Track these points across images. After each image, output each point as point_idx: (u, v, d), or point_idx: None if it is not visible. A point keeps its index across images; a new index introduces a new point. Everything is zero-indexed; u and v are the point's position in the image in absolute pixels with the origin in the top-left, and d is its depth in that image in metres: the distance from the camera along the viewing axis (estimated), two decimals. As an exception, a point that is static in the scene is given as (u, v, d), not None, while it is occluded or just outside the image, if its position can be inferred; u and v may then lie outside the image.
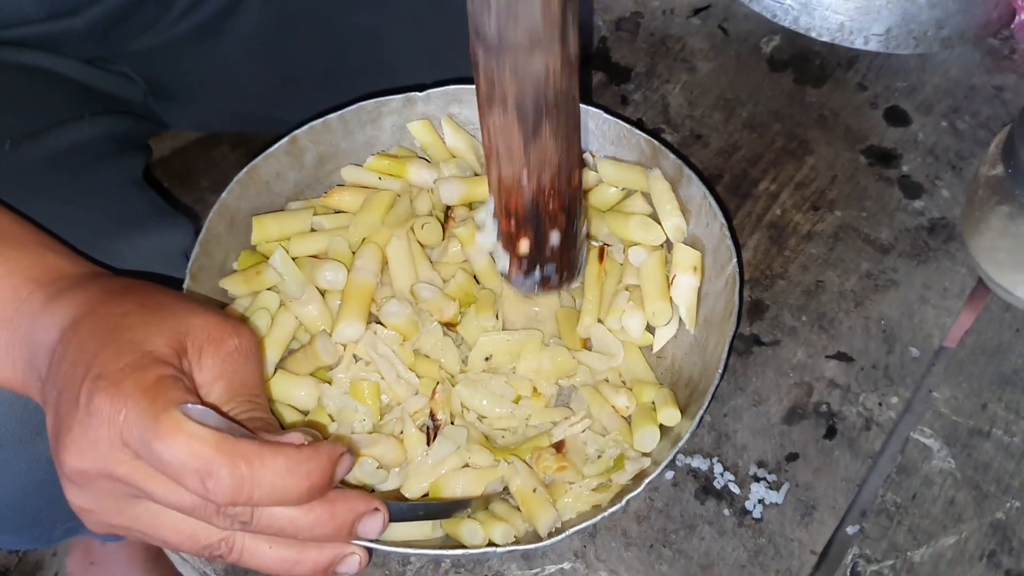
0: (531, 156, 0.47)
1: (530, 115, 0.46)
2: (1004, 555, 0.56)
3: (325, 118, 0.66)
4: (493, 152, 0.49)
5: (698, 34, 0.80)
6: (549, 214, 0.51)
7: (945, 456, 0.59)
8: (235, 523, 0.41)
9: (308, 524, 0.42)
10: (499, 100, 0.46)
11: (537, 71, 0.44)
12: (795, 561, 0.56)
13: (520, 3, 0.42)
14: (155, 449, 0.39)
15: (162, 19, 0.80)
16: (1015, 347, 0.63)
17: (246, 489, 0.39)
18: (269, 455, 0.40)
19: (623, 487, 0.53)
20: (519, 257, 0.53)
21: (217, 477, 0.39)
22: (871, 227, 0.69)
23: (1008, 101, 0.75)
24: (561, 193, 0.50)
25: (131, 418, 0.40)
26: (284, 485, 0.40)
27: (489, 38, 0.44)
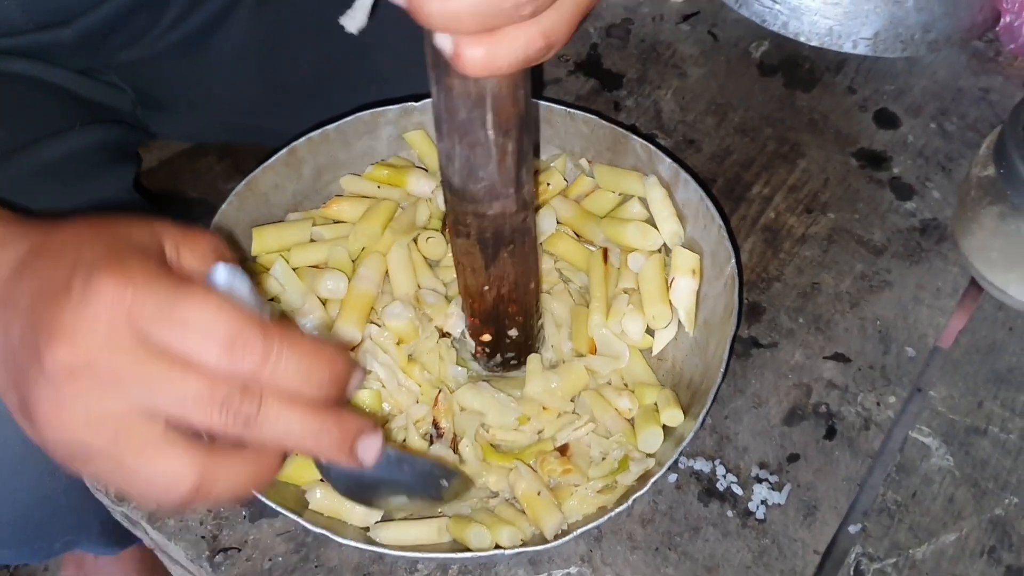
0: (491, 273, 0.53)
1: (489, 245, 0.52)
2: (1004, 551, 0.57)
3: (323, 129, 0.66)
4: (459, 266, 0.55)
5: (688, 40, 0.80)
6: (508, 316, 0.57)
7: (943, 454, 0.60)
8: (239, 419, 0.37)
9: (316, 427, 0.39)
10: (463, 232, 0.51)
11: (494, 214, 0.50)
12: (799, 561, 0.56)
13: (479, 167, 0.47)
14: (179, 310, 0.36)
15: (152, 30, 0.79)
16: (1009, 345, 0.64)
17: (272, 361, 0.37)
18: (298, 334, 0.38)
19: (628, 488, 0.54)
20: (482, 345, 0.59)
21: (249, 342, 0.36)
22: (864, 229, 0.70)
23: (995, 103, 0.76)
24: (518, 300, 0.56)
25: (143, 292, 0.36)
26: (310, 366, 0.38)
27: (454, 186, 0.49)
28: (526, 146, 0.48)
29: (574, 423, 0.57)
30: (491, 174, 0.47)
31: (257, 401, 0.37)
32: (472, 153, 0.46)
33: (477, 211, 0.50)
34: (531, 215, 0.52)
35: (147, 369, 0.36)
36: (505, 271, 0.53)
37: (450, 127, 0.45)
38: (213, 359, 0.36)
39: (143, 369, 0.36)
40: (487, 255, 0.52)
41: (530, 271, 0.55)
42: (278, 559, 0.55)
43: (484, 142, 0.46)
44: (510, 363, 0.60)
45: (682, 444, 0.53)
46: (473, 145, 0.46)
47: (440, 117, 0.46)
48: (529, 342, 0.59)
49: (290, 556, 0.56)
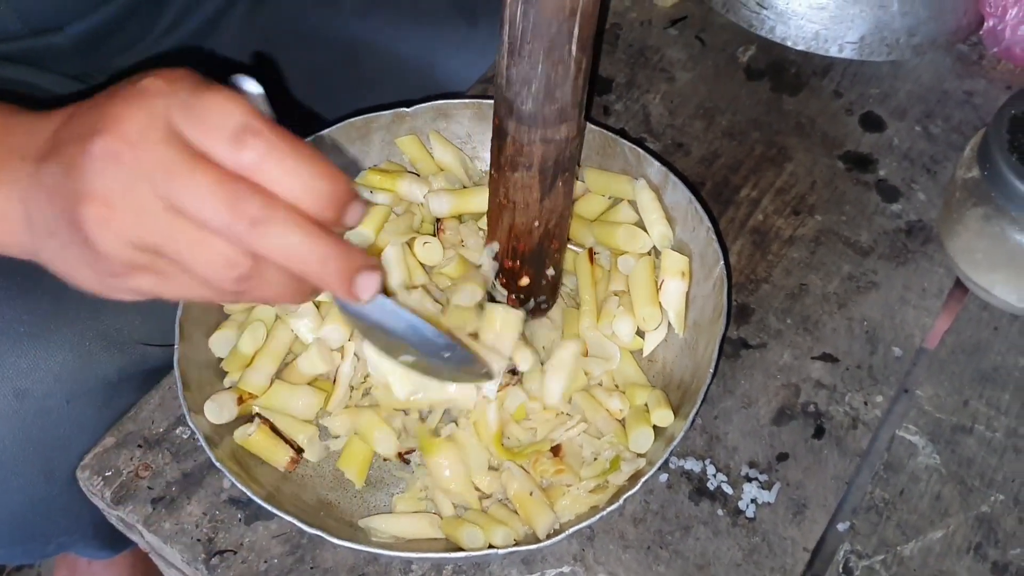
0: (544, 207, 0.55)
1: (549, 174, 0.53)
2: (990, 547, 0.57)
3: (316, 135, 0.66)
4: (508, 206, 0.55)
5: (676, 44, 0.81)
6: (549, 253, 0.58)
7: (930, 452, 0.61)
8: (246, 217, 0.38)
9: (322, 249, 0.39)
10: (524, 163, 0.52)
11: (560, 138, 0.51)
12: (788, 559, 0.57)
13: (557, 87, 0.49)
14: (199, 102, 0.38)
15: (145, 37, 0.80)
16: (994, 345, 0.65)
17: (276, 155, 0.38)
18: (307, 145, 0.39)
19: (620, 487, 0.55)
20: (519, 289, 0.59)
21: (254, 132, 0.38)
22: (851, 230, 0.70)
23: (979, 105, 0.77)
24: (560, 235, 0.57)
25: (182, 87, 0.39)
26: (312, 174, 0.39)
27: (524, 114, 0.50)
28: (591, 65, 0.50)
29: (567, 423, 0.58)
30: (566, 93, 0.49)
31: (265, 205, 0.38)
32: (554, 72, 0.48)
33: (546, 136, 0.51)
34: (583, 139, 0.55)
35: (171, 159, 0.38)
36: (556, 203, 0.55)
37: (535, 46, 0.47)
38: (221, 150, 0.38)
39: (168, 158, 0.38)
40: (544, 186, 0.53)
41: (572, 201, 0.58)
42: (274, 561, 0.56)
43: (566, 58, 0.47)
44: (541, 307, 0.61)
45: (672, 444, 0.54)
46: (556, 63, 0.47)
47: (519, 39, 0.47)
48: (559, 281, 0.61)
49: (285, 558, 0.56)
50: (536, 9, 0.46)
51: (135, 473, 0.59)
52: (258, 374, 0.59)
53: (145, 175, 0.38)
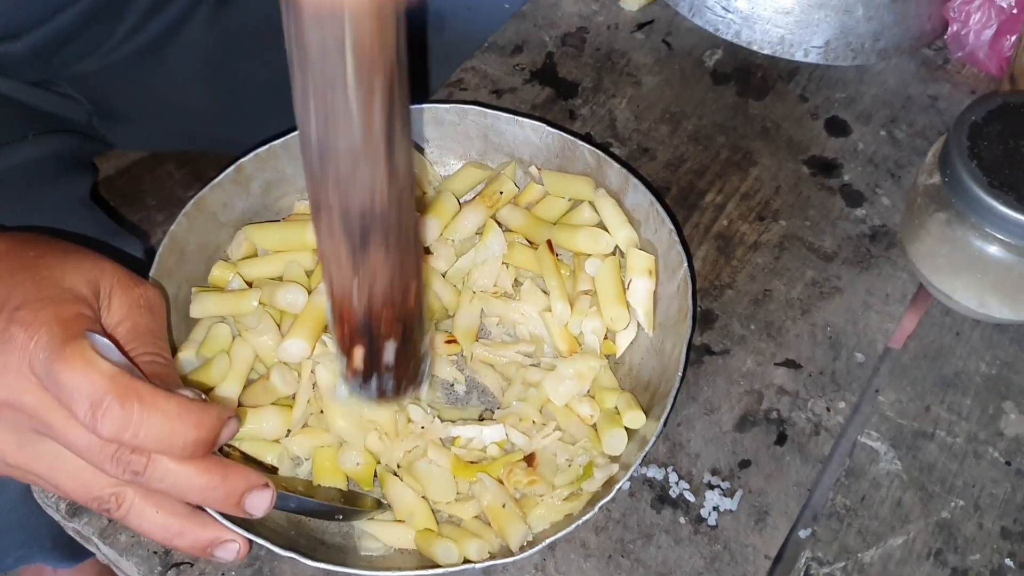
0: (360, 268, 0.45)
1: (356, 228, 0.43)
2: (950, 553, 0.58)
3: (269, 145, 0.65)
4: (325, 258, 0.46)
5: (642, 49, 0.81)
6: (383, 327, 0.48)
7: (892, 458, 0.61)
8: (128, 471, 0.42)
9: (201, 485, 0.43)
10: (325, 208, 0.43)
11: (362, 205, 0.42)
12: (750, 566, 0.57)
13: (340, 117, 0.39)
14: (54, 371, 0.40)
15: (106, 42, 0.79)
16: (955, 350, 0.65)
17: (133, 426, 0.40)
18: (162, 398, 0.41)
19: (594, 494, 0.54)
20: (353, 367, 0.50)
21: (108, 408, 0.40)
22: (815, 236, 0.70)
23: (943, 110, 0.78)
24: (396, 307, 0.47)
25: (41, 343, 0.41)
26: (172, 430, 0.41)
27: (313, 149, 0.41)
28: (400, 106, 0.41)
29: (542, 431, 0.57)
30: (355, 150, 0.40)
31: (146, 457, 0.41)
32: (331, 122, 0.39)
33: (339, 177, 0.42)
34: (408, 201, 0.44)
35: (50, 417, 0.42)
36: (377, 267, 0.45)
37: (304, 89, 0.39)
38: (82, 419, 0.40)
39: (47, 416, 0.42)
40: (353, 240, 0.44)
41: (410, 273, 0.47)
42: (231, 574, 0.55)
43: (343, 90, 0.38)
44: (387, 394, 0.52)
45: (647, 446, 0.53)
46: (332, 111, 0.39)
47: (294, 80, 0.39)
48: (410, 366, 0.51)
49: (243, 570, 0.55)
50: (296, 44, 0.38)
51: (91, 485, 0.58)
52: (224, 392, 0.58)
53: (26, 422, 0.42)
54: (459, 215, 0.65)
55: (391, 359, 0.49)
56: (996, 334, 0.66)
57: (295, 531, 0.56)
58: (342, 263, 0.45)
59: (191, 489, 0.43)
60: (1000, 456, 0.61)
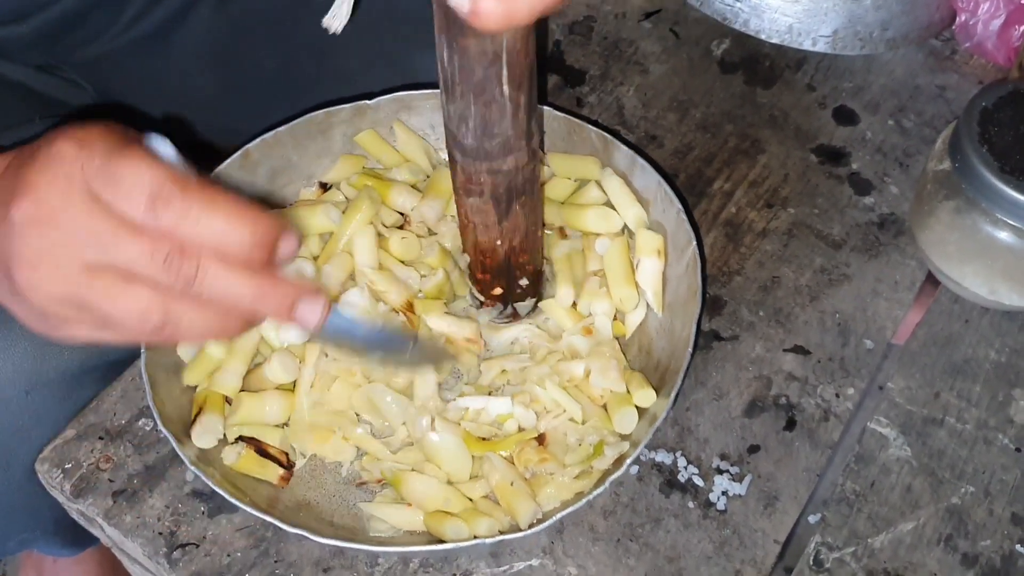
0: (504, 227, 0.54)
1: (503, 200, 0.52)
2: (960, 539, 0.57)
3: (275, 131, 0.65)
4: (470, 225, 0.55)
5: (650, 37, 0.81)
6: (518, 266, 0.57)
7: (901, 444, 0.61)
8: (180, 276, 0.40)
9: (251, 290, 0.42)
10: (476, 191, 0.52)
11: (508, 168, 0.50)
12: (759, 551, 0.56)
13: (494, 124, 0.47)
14: (112, 168, 0.39)
15: (111, 28, 0.79)
16: (964, 337, 0.65)
17: (192, 218, 0.40)
18: (221, 195, 0.40)
19: (604, 472, 0.54)
20: (493, 298, 0.59)
21: (168, 197, 0.39)
22: (823, 223, 0.70)
23: (951, 100, 0.77)
24: (528, 250, 0.57)
25: (96, 151, 0.40)
26: (230, 225, 0.40)
27: (467, 147, 0.49)
28: (535, 97, 0.49)
29: (552, 411, 0.57)
30: (505, 129, 0.48)
31: (195, 262, 0.40)
32: (488, 111, 0.47)
33: (491, 168, 0.50)
34: (539, 164, 0.54)
35: (97, 226, 0.40)
36: (517, 224, 0.54)
37: (464, 88, 0.46)
38: (139, 213, 0.39)
39: (94, 226, 0.40)
40: (500, 210, 0.53)
41: (539, 219, 0.57)
42: (237, 554, 0.55)
43: (499, 98, 0.46)
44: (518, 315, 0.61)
45: (656, 422, 0.53)
46: (489, 103, 0.46)
47: (451, 80, 0.46)
48: (537, 289, 0.61)
49: (249, 551, 0.55)
50: (459, 54, 0.44)
51: (96, 465, 0.57)
52: (229, 375, 0.58)
53: (70, 240, 0.40)
54: None
55: (524, 287, 0.59)
56: (1005, 322, 0.66)
57: (304, 512, 0.55)
58: (489, 226, 0.54)
59: (242, 295, 0.41)
60: (1010, 443, 0.61)
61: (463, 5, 0.38)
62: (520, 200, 0.53)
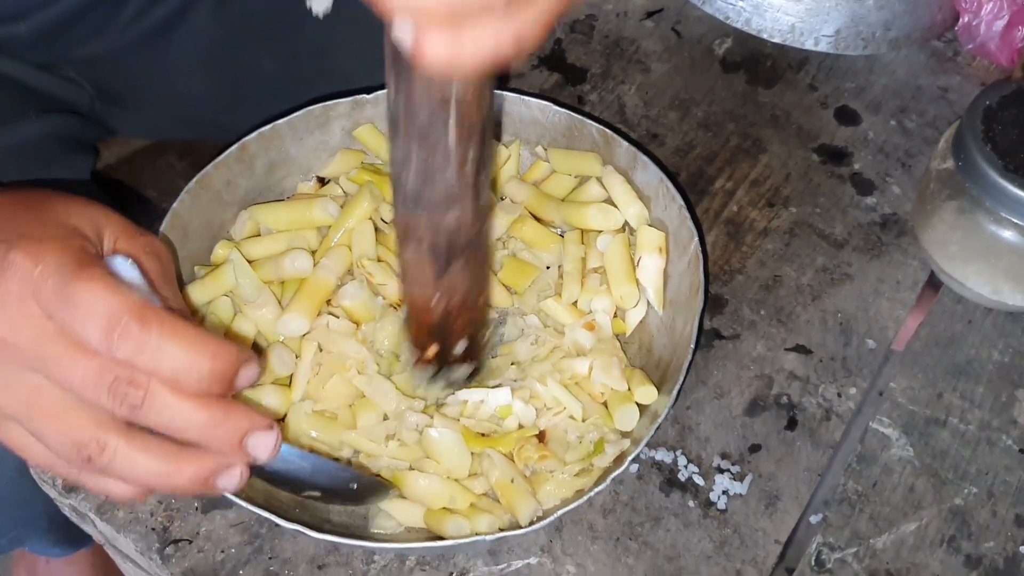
0: (442, 285, 0.50)
1: (442, 256, 0.48)
2: (963, 540, 0.57)
3: (274, 124, 0.65)
4: (407, 277, 0.51)
5: (652, 36, 0.80)
6: (455, 330, 0.53)
7: (904, 445, 0.60)
8: (125, 403, 0.39)
9: (201, 421, 0.40)
10: (414, 241, 0.48)
11: (450, 222, 0.47)
12: (760, 551, 0.56)
13: (436, 172, 0.44)
14: (69, 291, 0.38)
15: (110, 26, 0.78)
16: (967, 338, 0.65)
17: (150, 350, 0.38)
18: (181, 324, 0.39)
19: (605, 469, 0.53)
20: (426, 360, 0.55)
21: (125, 328, 0.38)
22: (825, 223, 0.70)
23: (953, 101, 0.77)
24: (468, 312, 0.53)
25: (49, 269, 0.39)
26: (188, 358, 0.39)
27: (407, 194, 0.46)
28: (487, 153, 0.46)
29: (553, 409, 0.56)
30: (448, 180, 0.45)
31: (144, 389, 0.39)
32: (430, 158, 0.44)
33: (431, 219, 0.47)
34: (487, 227, 0.50)
35: (47, 348, 0.39)
36: (455, 284, 0.50)
37: (408, 130, 0.43)
38: (94, 341, 0.38)
39: (44, 347, 0.39)
40: (438, 265, 0.49)
41: (482, 282, 0.53)
42: (231, 551, 0.54)
43: (444, 147, 0.43)
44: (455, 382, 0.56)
45: (658, 420, 0.52)
46: (432, 150, 0.43)
47: (396, 118, 0.43)
48: (477, 357, 0.56)
49: (243, 547, 0.54)
50: (404, 94, 0.41)
51: (89, 460, 0.57)
52: None
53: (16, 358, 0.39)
54: None
55: (460, 353, 0.54)
56: (1009, 323, 0.65)
57: (299, 508, 0.54)
58: (424, 281, 0.50)
59: (190, 425, 0.40)
60: (1014, 444, 0.60)
61: (406, 38, 0.35)
62: (460, 259, 0.49)
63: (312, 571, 0.54)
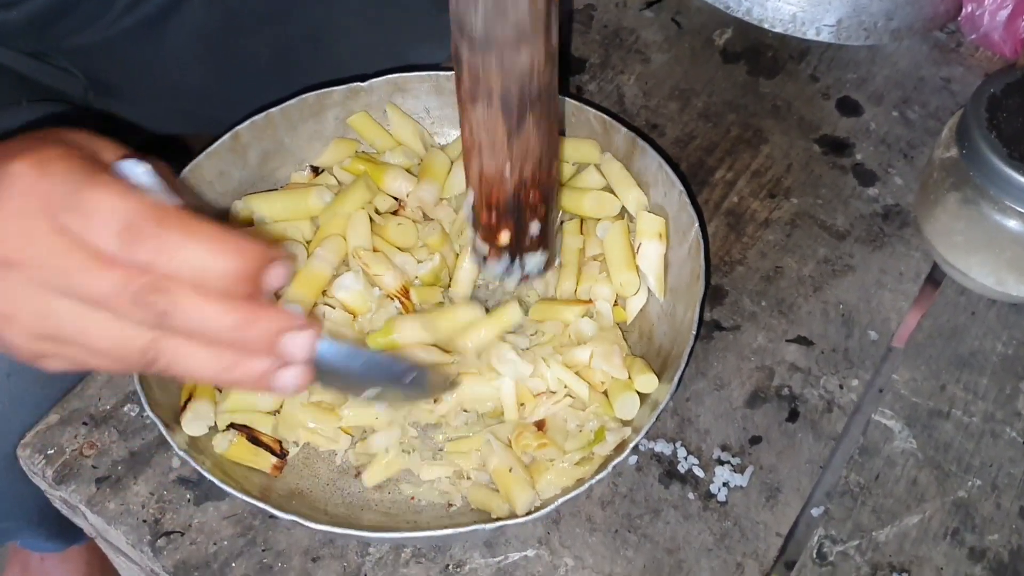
0: (514, 149, 0.48)
1: (514, 108, 0.46)
2: (967, 532, 0.56)
3: (266, 112, 0.64)
4: (475, 146, 0.49)
5: (651, 26, 0.79)
6: (530, 205, 0.51)
7: (906, 437, 0.59)
8: (152, 312, 0.37)
9: (231, 323, 0.38)
10: (483, 95, 0.45)
11: (522, 65, 0.44)
12: (761, 544, 0.55)
13: (508, 4, 0.42)
14: (82, 197, 0.36)
15: (103, 15, 0.77)
16: (971, 330, 0.64)
17: (169, 250, 0.36)
18: (200, 223, 0.37)
19: (606, 458, 0.52)
20: (499, 248, 0.52)
21: (142, 230, 0.36)
22: (827, 214, 0.69)
23: (956, 92, 0.76)
24: (541, 184, 0.50)
25: (58, 176, 0.36)
26: (210, 256, 0.36)
27: (476, 34, 0.43)
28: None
29: (552, 396, 0.55)
30: (520, 9, 0.42)
31: (168, 295, 0.37)
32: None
33: (503, 61, 0.44)
34: (556, 74, 0.47)
35: (63, 261, 0.37)
36: (529, 146, 0.48)
37: None
38: (112, 247, 0.36)
39: (60, 261, 0.36)
40: (510, 122, 0.46)
41: (554, 149, 0.50)
42: (223, 543, 0.53)
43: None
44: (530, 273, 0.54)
45: (659, 408, 0.52)
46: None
47: None
48: (550, 242, 0.54)
49: (236, 540, 0.53)
50: None
51: (79, 451, 0.56)
52: None
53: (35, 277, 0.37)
54: (453, 171, 0.63)
55: (535, 236, 0.51)
56: (1013, 314, 0.64)
57: (296, 501, 0.54)
58: (496, 146, 0.47)
59: (220, 328, 0.38)
60: (1018, 436, 0.59)
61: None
62: (534, 113, 0.46)
63: (306, 563, 0.53)
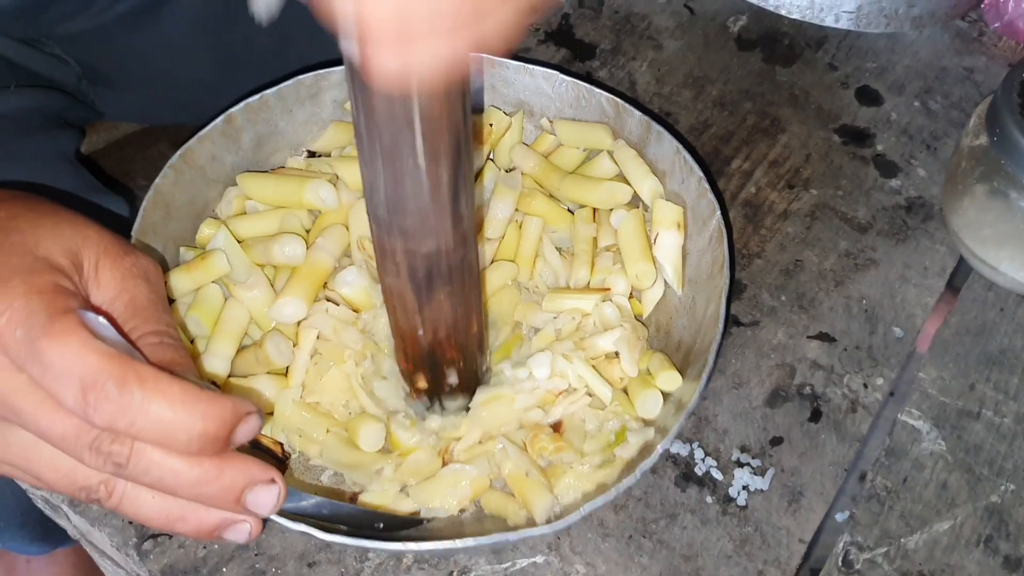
0: (425, 315, 0.46)
1: (423, 285, 0.44)
2: (1001, 540, 0.53)
3: (261, 94, 0.61)
4: (390, 305, 0.47)
5: (664, 12, 0.77)
6: (445, 360, 0.49)
7: (935, 438, 0.56)
8: (109, 463, 0.35)
9: (192, 479, 0.36)
10: (392, 269, 0.44)
11: (428, 250, 0.43)
12: (783, 551, 0.52)
13: (407, 199, 0.40)
14: (39, 349, 0.34)
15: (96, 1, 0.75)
16: (1000, 326, 0.61)
17: (131, 413, 0.34)
18: (165, 382, 0.34)
19: (630, 460, 0.49)
20: (417, 391, 0.52)
21: (102, 391, 0.33)
22: (848, 206, 0.66)
23: (979, 83, 0.74)
24: (458, 342, 0.49)
25: (17, 317, 0.34)
26: (174, 420, 0.34)
27: (380, 219, 0.42)
28: (465, 173, 0.41)
29: (569, 396, 0.52)
30: (423, 207, 0.40)
31: (128, 445, 0.35)
32: (400, 183, 0.39)
33: (408, 247, 0.42)
34: (472, 251, 0.45)
35: (19, 401, 0.35)
36: (441, 313, 0.46)
37: (372, 152, 0.39)
38: (70, 403, 0.34)
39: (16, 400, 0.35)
40: (419, 294, 0.45)
41: (472, 309, 0.48)
42: (213, 547, 0.50)
43: (414, 171, 0.39)
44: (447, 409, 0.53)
45: (687, 408, 0.48)
46: (400, 174, 0.39)
47: (361, 139, 0.39)
48: (470, 384, 0.52)
49: (227, 543, 0.50)
50: (364, 112, 0.37)
51: (62, 449, 0.53)
52: (216, 359, 0.53)
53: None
54: None
55: (453, 383, 0.51)
56: (1044, 310, 0.61)
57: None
58: (407, 304, 0.45)
59: (181, 484, 0.36)
60: (1052, 438, 0.56)
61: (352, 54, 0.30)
62: (445, 288, 0.44)
63: (301, 569, 0.50)
